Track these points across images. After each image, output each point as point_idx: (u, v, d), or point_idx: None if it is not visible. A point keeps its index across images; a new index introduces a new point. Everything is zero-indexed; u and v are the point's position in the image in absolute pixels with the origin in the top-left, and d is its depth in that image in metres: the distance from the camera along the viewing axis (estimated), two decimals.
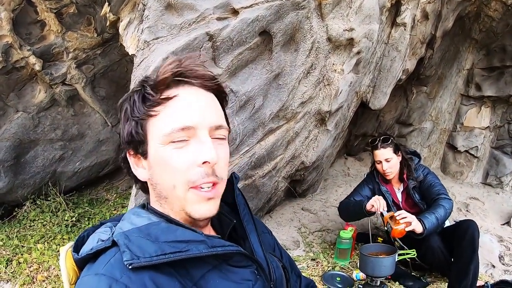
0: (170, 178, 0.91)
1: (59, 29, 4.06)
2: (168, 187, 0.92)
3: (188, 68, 0.93)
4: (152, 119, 0.91)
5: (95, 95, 4.54)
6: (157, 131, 0.90)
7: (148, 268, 0.80)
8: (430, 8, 4.44)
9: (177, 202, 0.93)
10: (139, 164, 0.98)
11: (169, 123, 0.89)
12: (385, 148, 3.51)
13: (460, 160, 6.05)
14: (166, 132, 0.89)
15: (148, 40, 2.59)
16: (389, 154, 3.51)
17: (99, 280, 0.79)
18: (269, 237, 1.24)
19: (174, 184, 0.91)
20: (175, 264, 0.83)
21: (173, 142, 0.89)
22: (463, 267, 3.10)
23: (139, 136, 0.93)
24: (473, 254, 3.10)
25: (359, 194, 3.74)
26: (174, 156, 0.89)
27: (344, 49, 3.53)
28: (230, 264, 0.94)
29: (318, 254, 3.85)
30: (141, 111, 0.92)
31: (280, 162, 3.73)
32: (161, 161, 0.91)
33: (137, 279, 0.78)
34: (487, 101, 5.82)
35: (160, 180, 0.93)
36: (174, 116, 0.89)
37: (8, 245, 3.88)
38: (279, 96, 3.27)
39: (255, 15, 2.71)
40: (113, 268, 0.80)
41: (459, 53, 5.85)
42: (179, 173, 0.90)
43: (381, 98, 4.60)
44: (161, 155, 0.90)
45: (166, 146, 0.89)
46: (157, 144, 0.90)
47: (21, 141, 4.17)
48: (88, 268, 0.87)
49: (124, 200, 4.83)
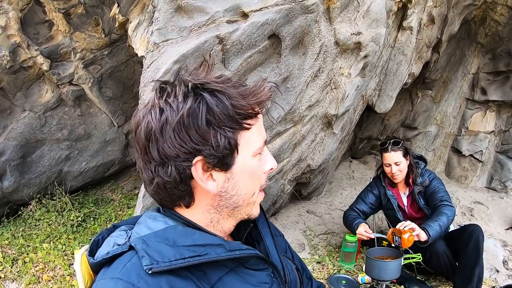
0: (254, 186, 0.98)
1: (67, 29, 4.07)
2: (249, 195, 0.97)
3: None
4: (245, 132, 0.91)
5: (102, 95, 4.55)
6: (249, 144, 0.93)
7: (165, 273, 0.80)
8: (436, 12, 4.44)
9: (248, 208, 1.00)
10: (209, 178, 0.91)
11: (260, 137, 0.95)
12: (395, 151, 3.53)
13: (465, 164, 6.04)
14: (260, 146, 0.95)
15: (157, 42, 2.60)
16: (398, 158, 3.53)
17: (116, 284, 0.78)
18: (282, 240, 1.24)
19: (255, 191, 0.99)
20: (192, 267, 0.83)
21: (259, 154, 0.96)
22: (467, 271, 3.12)
23: (231, 147, 0.90)
24: (477, 258, 3.12)
25: (363, 202, 3.79)
26: (258, 166, 0.97)
27: (351, 53, 3.54)
28: (247, 267, 0.94)
29: (324, 257, 3.86)
30: (234, 122, 0.89)
31: (287, 165, 3.73)
32: (249, 172, 0.95)
33: (154, 284, 0.78)
34: (492, 105, 5.81)
35: (242, 190, 0.95)
36: (261, 132, 0.96)
37: (14, 244, 3.89)
38: (287, 99, 3.28)
39: (264, 19, 2.72)
40: (129, 272, 0.80)
41: (465, 57, 5.85)
42: (260, 180, 0.99)
43: (386, 101, 4.60)
44: (252, 166, 0.95)
45: (255, 157, 0.95)
46: (248, 157, 0.93)
47: (27, 141, 4.18)
48: (103, 272, 0.86)
49: (129, 200, 4.83)
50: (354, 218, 3.65)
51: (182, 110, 0.84)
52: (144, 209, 2.83)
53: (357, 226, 3.52)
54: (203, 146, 0.86)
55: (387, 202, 3.76)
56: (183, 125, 0.84)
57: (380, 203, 3.83)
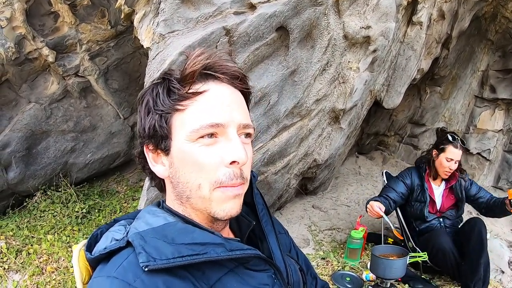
0: (196, 177, 0.86)
1: (73, 20, 4.05)
2: (192, 186, 0.87)
3: (217, 62, 0.89)
4: (178, 113, 0.87)
5: (107, 87, 4.53)
6: (184, 126, 0.86)
7: (162, 272, 0.77)
8: (447, 8, 4.39)
9: (201, 203, 0.88)
10: (158, 160, 0.93)
11: (198, 118, 0.84)
12: (461, 150, 3.54)
13: (472, 162, 5.99)
14: (195, 128, 0.84)
15: (163, 33, 2.57)
16: (460, 156, 3.55)
17: (112, 283, 0.76)
18: (286, 238, 1.20)
19: (200, 183, 0.86)
20: (190, 267, 0.81)
21: (202, 138, 0.84)
22: (473, 262, 3.15)
23: (163, 130, 0.88)
24: (482, 250, 3.17)
25: (394, 191, 3.67)
26: (202, 153, 0.85)
27: (360, 47, 3.50)
28: (247, 268, 0.91)
29: (328, 253, 3.83)
30: (166, 105, 0.87)
31: (293, 159, 3.70)
32: (187, 159, 0.86)
33: (151, 284, 0.75)
34: (501, 103, 5.75)
35: (183, 179, 0.88)
36: (204, 112, 0.85)
37: (18, 235, 3.89)
38: (294, 93, 3.24)
39: (272, 10, 2.68)
40: (126, 271, 0.77)
41: (474, 54, 5.79)
42: (207, 172, 0.85)
43: (395, 97, 4.56)
44: (188, 152, 0.86)
45: (194, 143, 0.85)
46: (183, 140, 0.86)
47: (33, 132, 4.17)
48: (100, 268, 0.84)
49: (134, 192, 4.83)
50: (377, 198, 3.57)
51: (141, 97, 0.92)
52: (149, 202, 2.81)
53: (372, 200, 3.43)
54: (142, 129, 0.91)
55: (419, 194, 3.68)
56: (138, 110, 0.93)
57: (409, 194, 3.74)
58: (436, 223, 3.62)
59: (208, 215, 0.90)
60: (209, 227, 0.93)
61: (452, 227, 3.63)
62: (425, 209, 3.62)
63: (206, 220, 0.92)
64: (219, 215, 0.88)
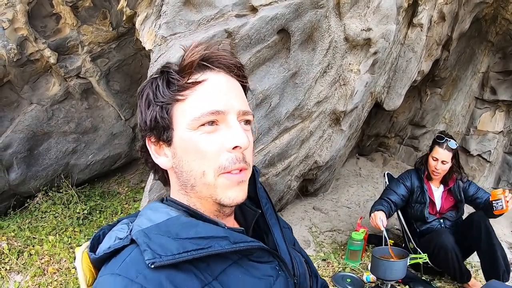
0: (199, 164, 0.88)
1: (75, 22, 4.06)
2: (196, 174, 0.89)
3: (215, 53, 0.91)
4: (178, 103, 0.89)
5: (109, 88, 4.54)
6: (185, 115, 0.88)
7: (166, 267, 0.77)
8: (447, 9, 4.40)
9: (206, 190, 0.90)
10: (161, 152, 0.94)
11: (199, 107, 0.87)
12: (449, 151, 3.54)
13: (472, 164, 6.00)
14: (196, 116, 0.86)
15: (165, 35, 2.58)
16: (448, 158, 3.55)
17: (115, 280, 0.76)
18: (290, 233, 1.21)
19: (204, 170, 0.88)
20: (195, 260, 0.81)
21: (203, 126, 0.87)
22: (491, 257, 3.25)
23: (164, 121, 0.90)
24: (491, 243, 3.26)
25: (395, 193, 3.71)
26: (203, 141, 0.87)
27: (361, 49, 3.51)
28: (251, 260, 0.91)
29: (329, 254, 3.84)
30: (166, 96, 0.89)
31: (294, 161, 3.71)
32: (189, 147, 0.88)
33: (153, 278, 0.75)
34: (502, 105, 5.76)
35: (187, 167, 0.90)
36: (204, 100, 0.87)
37: (20, 236, 3.89)
38: (296, 95, 3.26)
39: (274, 13, 2.70)
40: (128, 267, 0.77)
41: (475, 56, 5.80)
42: (210, 158, 0.87)
43: (395, 99, 4.57)
44: (190, 140, 0.88)
45: (195, 131, 0.87)
46: (184, 129, 0.88)
47: (34, 133, 4.18)
48: (104, 268, 0.84)
49: (135, 194, 4.83)
50: (380, 205, 3.59)
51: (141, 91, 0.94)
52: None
53: (376, 210, 3.46)
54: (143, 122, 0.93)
55: (419, 195, 3.72)
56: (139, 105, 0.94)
57: (409, 196, 3.77)
58: (437, 224, 3.65)
59: (214, 202, 0.91)
60: (215, 216, 0.94)
61: (452, 228, 3.64)
62: (425, 210, 3.65)
63: (212, 209, 0.94)
64: (225, 201, 0.90)
